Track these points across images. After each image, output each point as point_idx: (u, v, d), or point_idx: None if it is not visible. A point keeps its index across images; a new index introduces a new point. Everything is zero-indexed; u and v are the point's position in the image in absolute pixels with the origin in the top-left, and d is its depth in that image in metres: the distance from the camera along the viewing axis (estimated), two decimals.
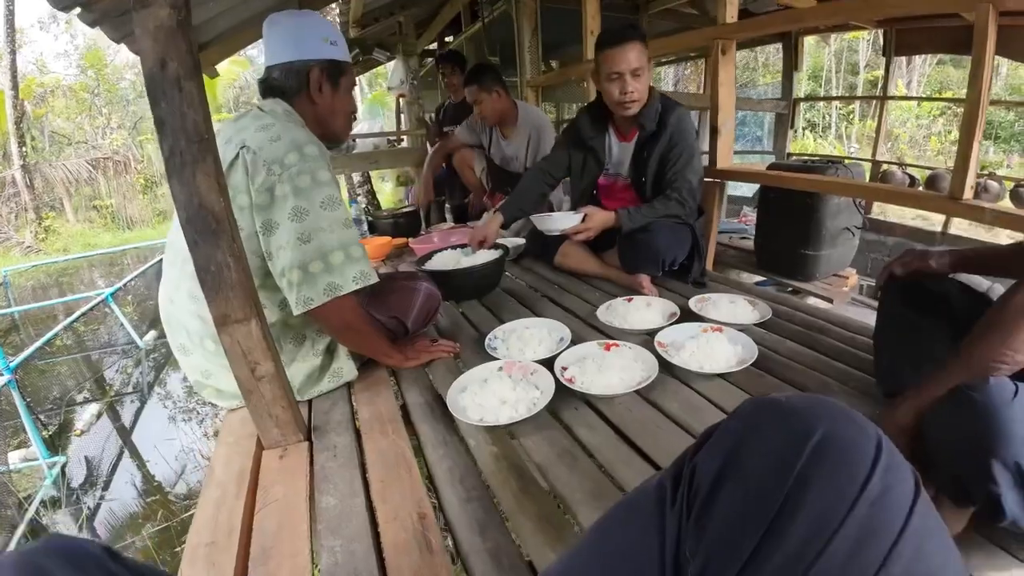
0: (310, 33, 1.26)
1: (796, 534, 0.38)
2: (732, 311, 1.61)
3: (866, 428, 0.42)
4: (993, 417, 0.70)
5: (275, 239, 1.15)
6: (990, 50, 1.44)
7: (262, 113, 1.22)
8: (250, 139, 1.15)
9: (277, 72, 1.26)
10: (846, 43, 13.62)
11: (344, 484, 1.02)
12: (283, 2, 3.23)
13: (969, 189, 1.56)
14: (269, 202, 1.14)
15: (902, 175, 5.02)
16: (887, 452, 0.40)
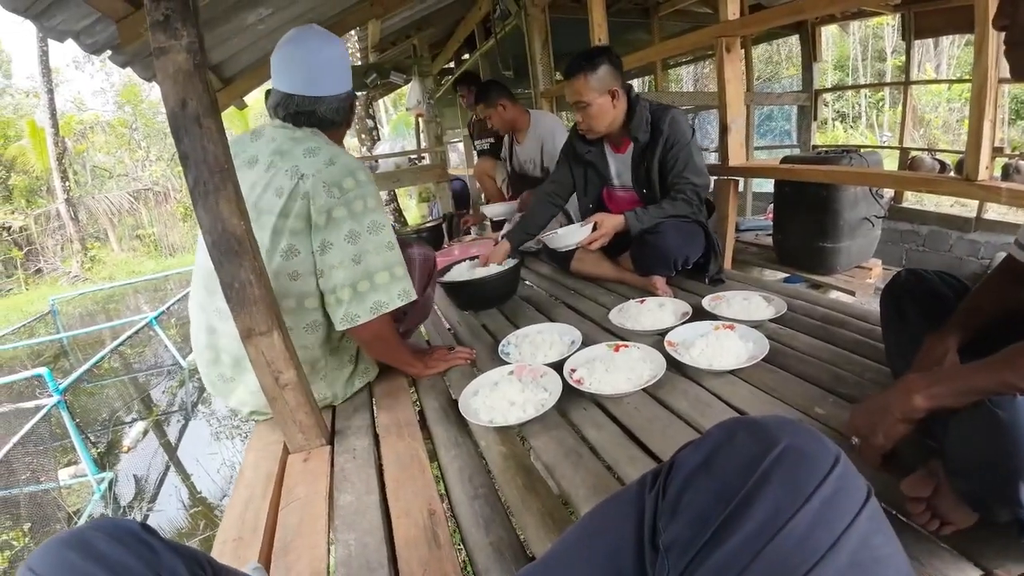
0: (347, 63, 1.33)
1: (754, 518, 0.45)
2: (746, 308, 1.60)
3: (827, 445, 0.49)
4: (1020, 436, 0.66)
5: (328, 258, 1.21)
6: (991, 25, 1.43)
7: (299, 134, 1.24)
8: (303, 166, 1.18)
9: (326, 106, 1.27)
10: (871, 30, 13.26)
11: (361, 483, 1.08)
12: None
13: (984, 169, 1.53)
14: (326, 223, 1.20)
15: (932, 161, 4.86)
16: (843, 465, 0.47)
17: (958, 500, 0.76)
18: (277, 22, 2.88)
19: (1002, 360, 0.72)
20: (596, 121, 1.90)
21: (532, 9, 3.60)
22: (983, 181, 1.52)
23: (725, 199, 2.30)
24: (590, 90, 1.83)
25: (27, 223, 11.87)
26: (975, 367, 0.75)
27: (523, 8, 3.67)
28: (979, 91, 1.48)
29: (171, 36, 1.00)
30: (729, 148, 2.22)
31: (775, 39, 7.88)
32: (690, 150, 1.90)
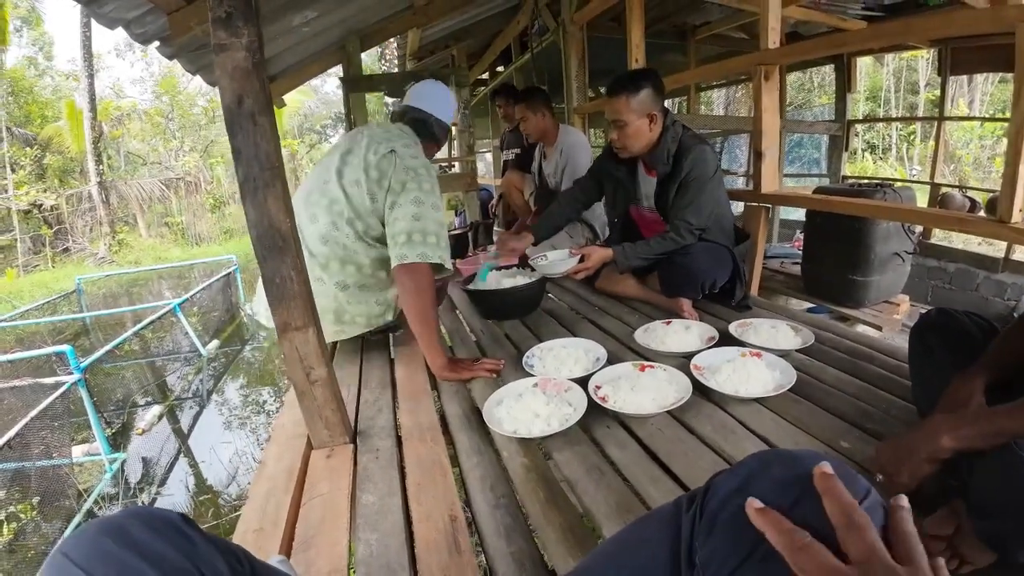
0: (452, 107, 1.87)
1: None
2: (773, 336, 1.59)
3: (859, 479, 0.49)
4: None
5: (396, 212, 1.56)
6: None
7: (406, 130, 1.71)
8: (399, 149, 1.61)
9: (430, 120, 1.77)
10: (904, 62, 13.12)
11: (384, 484, 1.09)
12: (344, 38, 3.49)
13: (1018, 212, 1.51)
14: (401, 190, 1.57)
15: (962, 198, 4.78)
16: (873, 498, 0.47)
17: (979, 540, 0.77)
18: (321, 25, 2.96)
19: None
20: (631, 141, 1.93)
21: (570, 27, 3.64)
22: (1017, 223, 1.51)
23: (756, 225, 2.29)
24: (630, 111, 1.87)
25: (59, 203, 12.14)
26: (1003, 410, 0.76)
27: (561, 25, 3.71)
28: (1018, 131, 1.46)
29: (232, 34, 1.04)
30: (762, 175, 2.22)
31: (810, 67, 7.84)
32: (701, 189, 1.89)
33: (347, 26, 3.39)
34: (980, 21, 1.74)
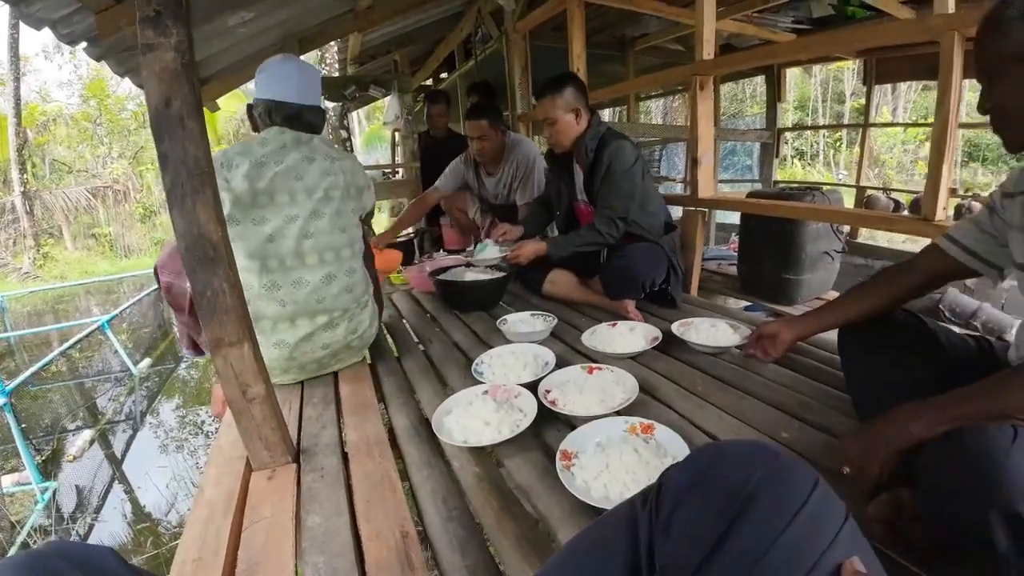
0: (320, 87, 1.62)
1: (745, 538, 0.47)
2: (712, 334, 1.66)
3: (806, 467, 0.52)
4: (991, 466, 0.68)
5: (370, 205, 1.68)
6: (956, 75, 1.52)
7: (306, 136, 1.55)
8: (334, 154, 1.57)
9: (311, 114, 1.56)
10: (831, 73, 14.01)
11: (330, 504, 1.05)
12: (283, 41, 3.39)
13: (942, 211, 1.62)
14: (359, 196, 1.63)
15: (887, 200, 5.13)
16: (822, 487, 0.50)
17: (926, 524, 0.79)
18: (259, 27, 2.86)
19: (992, 387, 0.78)
20: (561, 136, 2.06)
21: (513, 35, 3.67)
22: (940, 221, 1.62)
23: (693, 229, 2.37)
24: (556, 108, 2.02)
25: None
26: (966, 394, 0.80)
27: (504, 33, 3.74)
28: (940, 136, 1.57)
29: (160, 33, 0.99)
30: (699, 181, 2.31)
31: (742, 78, 8.23)
32: (620, 179, 1.99)
33: (286, 28, 3.29)
34: (907, 31, 1.87)
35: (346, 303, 1.57)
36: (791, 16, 4.14)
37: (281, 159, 1.47)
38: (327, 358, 1.58)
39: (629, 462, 1.00)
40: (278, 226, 1.45)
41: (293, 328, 1.50)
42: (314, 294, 1.49)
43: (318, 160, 1.51)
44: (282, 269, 1.46)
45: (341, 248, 1.55)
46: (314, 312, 1.51)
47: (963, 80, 1.58)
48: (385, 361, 1.75)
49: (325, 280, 1.51)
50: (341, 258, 1.55)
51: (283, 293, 1.47)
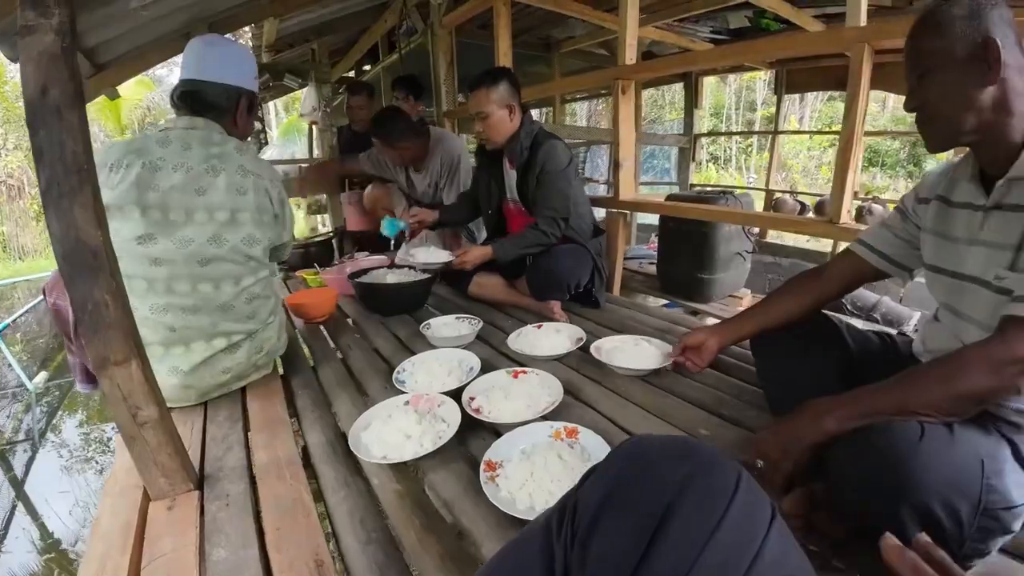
0: (246, 65, 1.42)
1: (668, 555, 0.43)
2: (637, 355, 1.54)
3: (727, 467, 0.48)
4: (897, 463, 0.70)
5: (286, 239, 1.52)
6: (864, 86, 1.59)
7: (218, 136, 1.34)
8: (249, 165, 1.35)
9: (211, 89, 1.33)
10: (745, 83, 14.93)
11: (236, 534, 0.96)
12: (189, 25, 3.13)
13: (847, 213, 1.72)
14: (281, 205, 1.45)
15: (793, 202, 5.52)
16: (745, 487, 0.47)
17: (837, 517, 0.84)
18: (162, 9, 2.61)
19: (899, 384, 0.81)
20: (494, 131, 2.02)
21: (439, 29, 3.60)
22: (845, 223, 1.72)
23: (615, 230, 2.42)
24: (490, 102, 1.97)
25: None
26: (876, 391, 0.82)
27: (430, 27, 3.66)
28: (846, 143, 1.65)
29: (41, 14, 0.88)
30: (621, 183, 2.35)
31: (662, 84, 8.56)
32: (556, 179, 1.99)
33: (193, 12, 3.03)
34: (820, 42, 1.98)
35: (249, 327, 1.41)
36: (710, 26, 4.35)
37: (181, 164, 1.25)
38: (231, 381, 1.44)
39: (554, 469, 0.98)
40: (168, 249, 1.24)
41: (188, 353, 1.32)
42: (208, 318, 1.32)
43: (227, 172, 1.29)
44: (170, 294, 1.27)
45: (243, 276, 1.36)
46: (211, 335, 1.34)
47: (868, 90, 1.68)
48: (299, 372, 1.63)
49: (221, 309, 1.34)
50: (241, 286, 1.36)
51: (172, 318, 1.28)
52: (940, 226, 0.98)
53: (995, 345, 0.77)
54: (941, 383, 0.78)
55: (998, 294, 0.85)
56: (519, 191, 2.13)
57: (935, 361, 0.83)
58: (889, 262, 1.12)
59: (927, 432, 0.73)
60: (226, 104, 1.36)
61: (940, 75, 0.85)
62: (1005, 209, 0.85)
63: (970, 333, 0.91)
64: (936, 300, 1.03)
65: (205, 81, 1.32)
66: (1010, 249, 0.83)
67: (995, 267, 0.85)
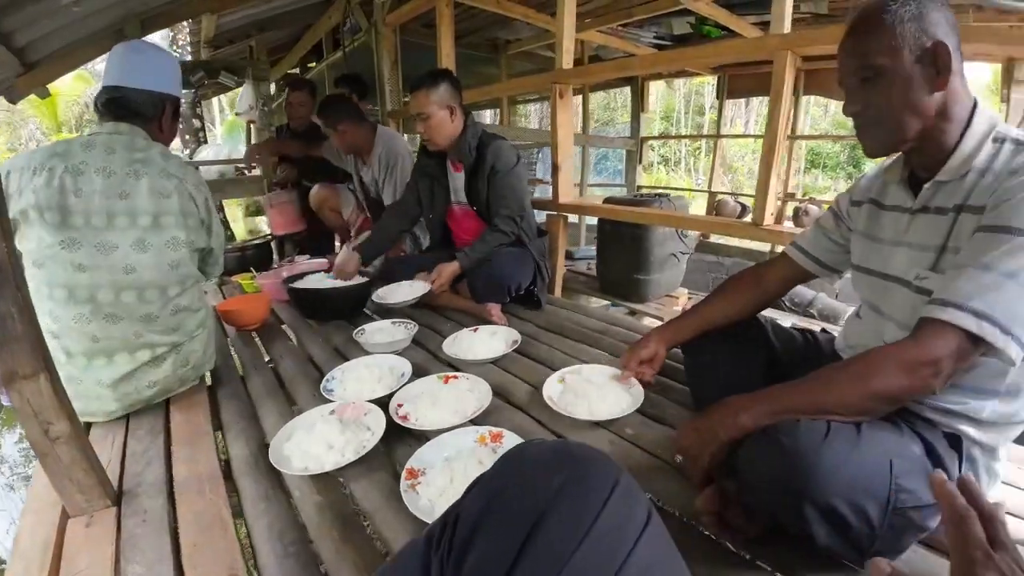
0: (172, 72, 1.41)
1: (537, 564, 0.44)
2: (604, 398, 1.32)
3: (604, 474, 0.49)
4: (801, 461, 0.71)
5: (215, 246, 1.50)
6: (787, 92, 1.65)
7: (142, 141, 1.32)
8: (172, 169, 1.33)
9: (136, 95, 1.32)
10: (694, 87, 15.35)
11: (152, 551, 0.94)
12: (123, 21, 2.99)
13: (770, 216, 1.79)
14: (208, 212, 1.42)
15: (734, 204, 5.73)
16: (620, 492, 0.48)
17: (749, 513, 0.86)
18: (93, 5, 2.50)
19: (812, 383, 0.82)
20: (435, 133, 2.01)
21: (383, 28, 3.56)
22: (768, 226, 1.79)
23: (556, 232, 2.46)
24: (431, 103, 1.96)
25: None
26: (790, 389, 0.83)
27: (374, 25, 3.61)
28: (769, 149, 1.72)
29: None
30: (560, 186, 2.39)
31: (610, 88, 8.73)
32: (507, 179, 2.02)
33: (127, 7, 2.89)
34: (746, 50, 2.04)
35: (174, 339, 1.38)
36: (653, 32, 4.46)
37: (104, 169, 1.23)
38: (155, 396, 1.40)
39: (473, 476, 0.99)
40: (92, 254, 1.23)
41: (111, 365, 1.30)
42: (131, 328, 1.30)
43: (149, 176, 1.28)
44: (93, 302, 1.25)
45: (168, 286, 1.34)
46: (134, 347, 1.31)
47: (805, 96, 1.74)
48: (227, 382, 1.59)
49: (145, 319, 1.31)
50: (167, 296, 1.34)
51: (95, 327, 1.26)
52: (870, 228, 1.01)
53: (909, 346, 0.78)
54: (855, 382, 0.78)
55: (918, 294, 0.87)
56: (467, 193, 2.13)
57: (850, 360, 0.83)
58: (820, 265, 1.16)
59: (833, 431, 0.73)
60: (152, 111, 1.35)
61: (886, 79, 0.83)
62: (931, 211, 0.88)
63: (890, 331, 0.93)
64: (860, 298, 1.06)
65: (131, 88, 1.31)
66: (933, 250, 0.86)
67: (917, 268, 0.88)
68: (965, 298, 0.74)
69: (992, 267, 0.74)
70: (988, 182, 0.81)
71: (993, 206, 0.78)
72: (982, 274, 0.74)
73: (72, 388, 1.25)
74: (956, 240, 0.83)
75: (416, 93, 1.99)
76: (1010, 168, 0.79)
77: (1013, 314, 0.72)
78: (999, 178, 0.79)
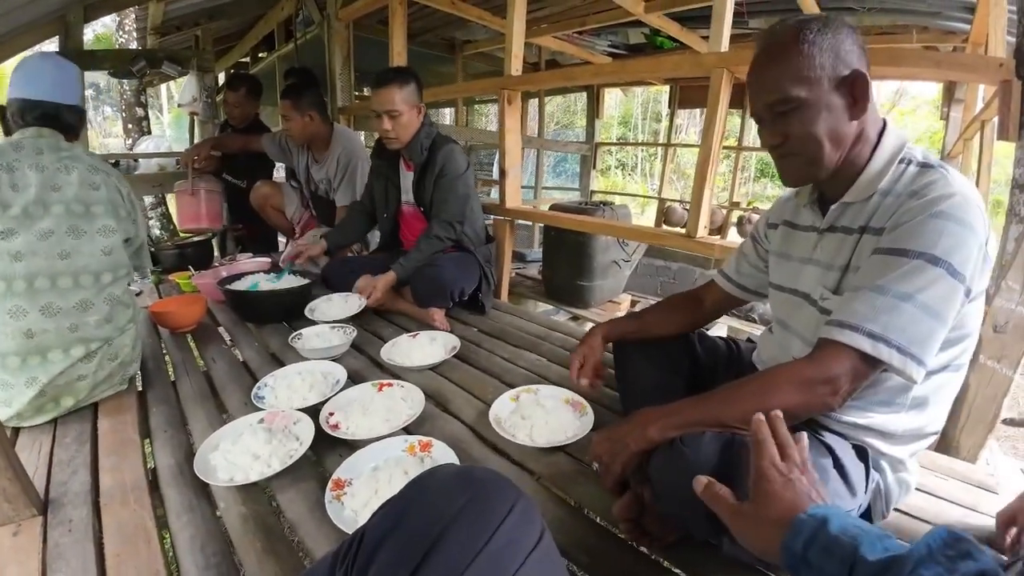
0: (81, 85, 1.51)
1: None
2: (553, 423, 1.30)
3: (504, 496, 0.53)
4: (704, 471, 0.72)
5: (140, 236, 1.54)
6: (723, 108, 1.70)
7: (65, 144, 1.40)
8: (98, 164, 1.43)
9: (65, 110, 1.42)
10: (651, 95, 15.62)
11: (76, 561, 0.93)
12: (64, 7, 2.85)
13: (703, 228, 1.85)
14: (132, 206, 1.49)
15: (682, 211, 5.89)
16: (518, 512, 0.53)
17: (664, 520, 0.89)
18: None
19: (716, 398, 0.85)
20: (402, 130, 2.02)
21: (336, 22, 3.51)
22: (701, 238, 1.86)
23: (503, 236, 2.50)
24: (402, 101, 1.97)
25: None
26: (697, 403, 0.85)
27: (327, 19, 3.55)
28: (703, 161, 1.78)
29: None
30: (506, 191, 2.43)
31: (567, 93, 8.81)
32: (456, 180, 2.05)
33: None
34: (684, 65, 2.10)
35: (106, 333, 1.40)
36: (609, 40, 4.55)
37: (35, 165, 1.31)
38: (84, 391, 1.39)
39: (397, 486, 1.00)
40: (29, 242, 1.27)
41: (45, 363, 1.30)
42: (67, 321, 1.32)
43: (79, 170, 1.36)
44: (30, 292, 1.27)
45: (102, 272, 1.39)
46: (68, 344, 1.33)
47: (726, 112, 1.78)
48: (157, 387, 1.56)
49: (80, 308, 1.34)
50: (100, 284, 1.39)
51: (31, 321, 1.27)
52: (784, 247, 1.05)
53: (807, 365, 0.80)
54: (753, 398, 0.80)
55: (821, 313, 0.90)
56: (415, 193, 2.14)
57: (752, 376, 0.86)
58: (744, 291, 1.22)
59: (737, 443, 0.76)
60: (76, 122, 1.46)
61: (805, 110, 0.83)
62: (838, 231, 0.90)
63: (796, 347, 0.97)
64: (772, 315, 1.11)
65: (61, 103, 1.42)
66: (838, 269, 0.89)
67: (821, 286, 0.91)
68: (860, 319, 0.77)
69: (887, 289, 0.76)
70: (889, 203, 0.83)
71: (891, 228, 0.80)
72: (877, 296, 0.76)
73: (3, 393, 1.27)
74: (859, 260, 0.86)
75: (384, 89, 1.97)
76: (910, 190, 0.81)
77: (909, 335, 0.75)
78: (899, 200, 0.82)
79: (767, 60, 0.86)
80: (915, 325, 0.75)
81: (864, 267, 0.83)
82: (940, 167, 0.83)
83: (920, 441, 0.94)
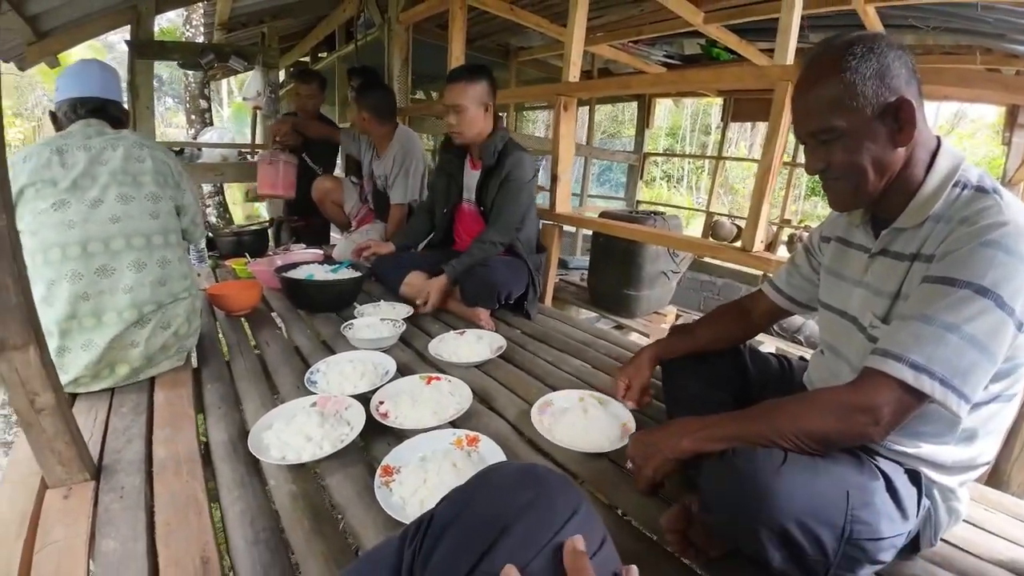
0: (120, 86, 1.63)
1: (495, 568, 0.48)
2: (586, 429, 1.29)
3: (570, 498, 0.54)
4: (757, 487, 0.72)
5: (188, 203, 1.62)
6: (786, 121, 1.67)
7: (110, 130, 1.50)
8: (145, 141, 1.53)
9: (115, 106, 1.55)
10: (701, 107, 15.43)
11: (127, 527, 0.96)
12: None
13: (759, 243, 1.82)
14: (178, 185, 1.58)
15: (731, 225, 5.79)
16: (581, 515, 0.53)
17: (710, 533, 0.87)
18: None
19: (755, 414, 0.84)
20: (467, 127, 2.03)
21: (396, 25, 3.60)
22: (757, 252, 1.82)
23: (551, 241, 2.49)
24: (468, 97, 1.99)
25: None
26: (736, 417, 0.85)
27: (387, 22, 3.64)
28: (763, 175, 1.75)
29: None
30: (557, 197, 2.42)
31: (618, 102, 8.78)
32: (521, 189, 2.05)
33: None
34: (746, 77, 2.06)
35: (159, 297, 1.46)
36: (664, 50, 4.51)
37: (84, 145, 1.41)
38: (141, 362, 1.44)
39: (446, 477, 1.02)
40: (80, 211, 1.36)
41: (100, 327, 1.36)
42: (120, 281, 1.38)
43: (124, 146, 1.45)
44: (84, 256, 1.35)
45: (152, 235, 1.47)
46: (121, 307, 1.39)
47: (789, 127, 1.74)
48: (213, 365, 1.61)
49: (133, 267, 1.41)
50: (152, 245, 1.46)
51: (86, 283, 1.34)
52: (836, 264, 1.03)
53: (848, 391, 0.79)
54: (791, 419, 0.79)
55: (869, 341, 0.88)
56: (478, 193, 2.15)
57: (794, 397, 0.84)
58: (793, 303, 1.18)
59: (790, 459, 0.75)
60: (122, 115, 1.58)
61: (847, 140, 0.82)
62: (889, 255, 0.88)
63: (844, 373, 0.95)
64: (820, 336, 1.08)
65: (111, 100, 1.55)
66: (887, 296, 0.86)
67: (871, 312, 0.89)
68: (904, 349, 0.75)
69: (933, 319, 0.74)
70: (940, 230, 0.81)
71: (941, 256, 0.78)
72: (923, 326, 0.75)
73: (60, 359, 1.32)
74: (909, 288, 0.84)
75: (454, 85, 2.00)
76: (961, 216, 0.79)
77: (953, 367, 0.72)
78: (950, 226, 0.80)
79: (808, 87, 0.84)
80: (960, 357, 0.72)
81: (913, 296, 0.80)
82: (995, 192, 0.80)
83: (971, 472, 0.91)
